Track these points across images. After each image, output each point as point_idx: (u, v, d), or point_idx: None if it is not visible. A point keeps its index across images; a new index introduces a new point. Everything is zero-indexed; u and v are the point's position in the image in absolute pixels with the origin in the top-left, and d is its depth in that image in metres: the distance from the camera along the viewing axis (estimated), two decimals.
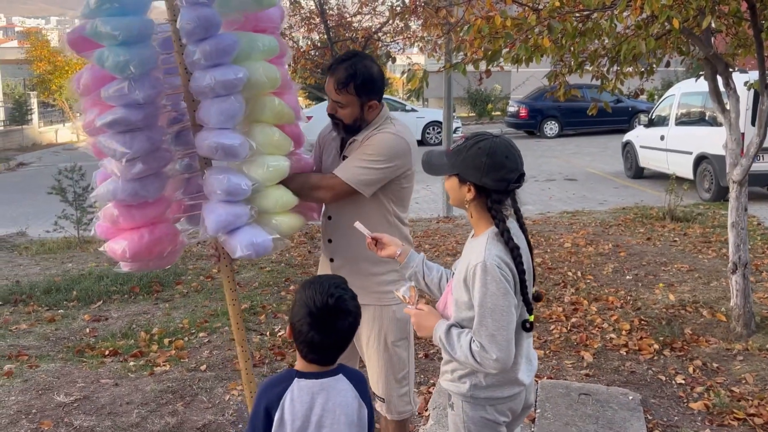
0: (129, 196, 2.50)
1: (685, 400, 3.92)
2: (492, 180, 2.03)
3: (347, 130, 2.70)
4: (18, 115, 24.32)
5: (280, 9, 2.72)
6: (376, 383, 2.80)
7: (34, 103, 25.77)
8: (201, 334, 5.14)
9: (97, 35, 2.35)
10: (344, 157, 2.72)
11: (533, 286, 2.17)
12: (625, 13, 4.50)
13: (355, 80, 2.59)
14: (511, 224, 2.11)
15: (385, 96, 2.88)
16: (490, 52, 4.57)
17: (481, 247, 2.03)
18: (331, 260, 2.82)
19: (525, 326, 2.07)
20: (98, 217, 2.64)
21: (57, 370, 4.54)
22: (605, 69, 5.53)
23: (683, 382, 4.15)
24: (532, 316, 2.08)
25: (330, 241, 2.82)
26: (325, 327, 1.86)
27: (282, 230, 2.62)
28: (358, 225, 2.39)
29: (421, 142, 19.73)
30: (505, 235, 2.02)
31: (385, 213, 2.73)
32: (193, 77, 2.46)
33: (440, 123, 18.51)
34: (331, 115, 2.70)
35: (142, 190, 2.51)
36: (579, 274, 6.39)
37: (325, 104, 11.50)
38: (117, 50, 2.34)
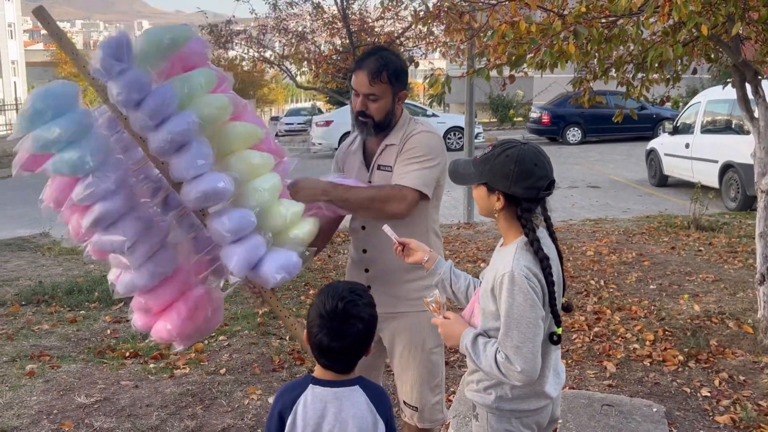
0: (149, 280, 2.44)
1: (710, 414, 3.85)
2: (522, 188, 1.98)
3: (377, 127, 2.66)
4: None
5: (199, 39, 2.59)
6: (410, 392, 2.76)
7: None
8: (221, 338, 5.14)
9: (43, 147, 2.28)
10: (379, 166, 2.68)
11: (563, 296, 2.13)
12: (651, 19, 4.44)
13: (388, 69, 2.59)
14: (541, 233, 2.06)
15: (406, 101, 2.86)
16: (514, 57, 4.53)
17: (509, 257, 1.99)
18: (366, 270, 2.77)
19: (552, 339, 2.03)
20: (131, 311, 2.58)
21: (78, 370, 4.57)
22: (631, 76, 5.46)
23: (709, 394, 4.07)
24: (560, 329, 2.04)
25: (365, 251, 2.77)
26: (333, 331, 1.85)
27: (302, 240, 2.55)
28: (386, 229, 2.35)
29: None
30: (534, 245, 1.97)
31: (429, 222, 2.71)
32: (149, 141, 2.36)
33: (461, 128, 18.45)
34: (360, 113, 2.65)
35: (158, 268, 2.45)
36: (602, 282, 6.31)
37: (345, 109, 11.43)
38: (67, 152, 2.27)
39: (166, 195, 2.60)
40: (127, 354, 4.83)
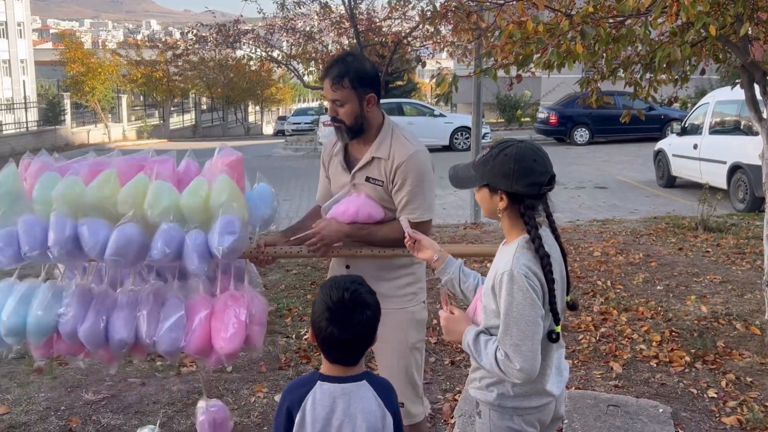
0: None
1: (717, 415, 3.84)
2: (523, 186, 2.00)
3: (351, 131, 2.71)
4: (51, 115, 24.82)
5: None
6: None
7: (67, 104, 26.27)
8: None
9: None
10: (368, 178, 2.73)
11: (567, 294, 2.13)
12: (659, 20, 4.43)
13: (349, 74, 2.63)
14: (544, 232, 2.08)
15: (413, 101, 2.93)
16: (521, 57, 4.53)
17: (510, 255, 2.00)
18: (347, 267, 2.83)
19: (551, 337, 2.03)
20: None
21: (85, 367, 4.58)
22: (638, 76, 5.45)
23: (715, 395, 4.06)
24: (559, 327, 2.05)
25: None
26: (344, 321, 1.86)
27: (227, 202, 2.53)
28: (403, 221, 2.40)
29: (448, 148, 19.69)
30: (536, 243, 1.99)
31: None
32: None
33: (468, 128, 18.45)
34: (333, 119, 2.72)
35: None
36: (609, 283, 6.30)
37: None
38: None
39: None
40: None
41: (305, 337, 5.08)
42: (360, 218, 2.66)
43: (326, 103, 2.80)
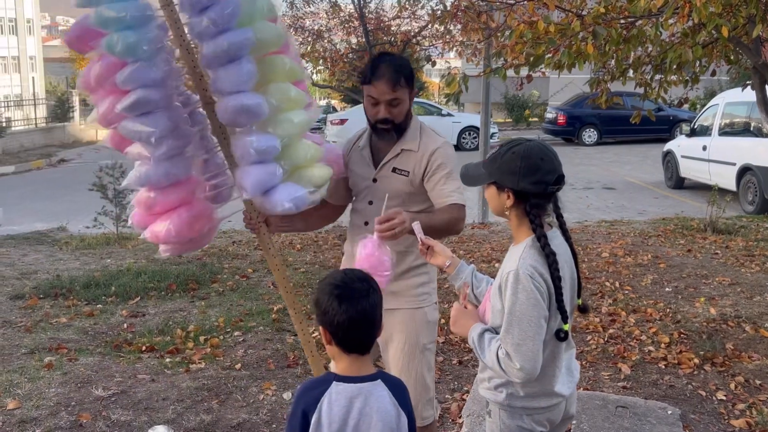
0: (163, 177, 2.54)
1: (726, 417, 3.83)
2: (530, 183, 2.01)
3: (398, 129, 2.74)
4: (60, 112, 24.91)
5: None
6: None
7: (75, 101, 26.34)
8: (236, 333, 5.18)
9: (103, 22, 2.38)
10: (394, 168, 2.74)
11: (579, 297, 2.14)
12: (671, 21, 4.42)
13: (404, 71, 2.69)
14: (554, 232, 2.09)
15: (421, 100, 2.99)
16: (533, 58, 4.53)
17: (516, 256, 2.02)
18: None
19: (559, 335, 2.04)
20: (132, 206, 2.69)
21: (95, 363, 4.62)
22: (649, 77, 5.44)
23: (724, 398, 4.05)
24: (567, 326, 2.04)
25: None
26: (352, 296, 1.86)
27: (315, 182, 2.66)
28: (416, 226, 2.37)
29: (456, 147, 19.63)
30: (541, 241, 2.00)
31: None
32: (206, 46, 2.46)
33: (476, 128, 18.42)
34: (383, 121, 2.70)
35: (173, 169, 2.55)
36: (617, 284, 6.29)
37: (360, 107, 11.42)
38: (126, 33, 2.37)
39: (192, 111, 2.72)
40: (144, 348, 4.87)
41: (313, 334, 5.09)
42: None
43: (370, 104, 2.75)
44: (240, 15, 2.46)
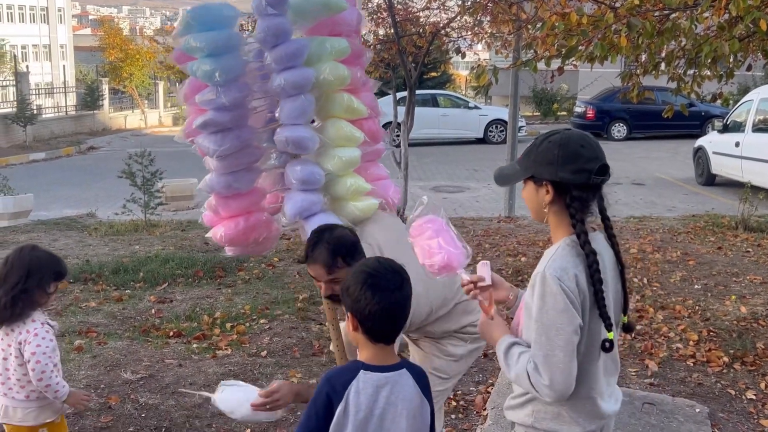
0: (224, 188, 2.85)
1: (755, 417, 3.78)
2: (569, 172, 1.81)
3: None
4: (90, 100, 25.18)
5: (356, 12, 2.95)
6: None
7: (105, 89, 26.63)
8: (262, 321, 5.21)
9: (189, 50, 2.74)
10: None
11: (625, 313, 1.95)
12: (706, 14, 4.33)
13: (340, 252, 2.47)
14: (597, 234, 1.90)
15: (448, 92, 3.00)
16: (566, 50, 4.47)
17: (547, 257, 1.83)
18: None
19: (604, 346, 1.80)
20: (204, 208, 3.05)
21: (124, 347, 4.68)
22: (682, 71, 5.35)
23: (754, 397, 3.99)
24: (612, 334, 1.79)
25: None
26: (385, 287, 1.84)
27: (357, 215, 2.85)
28: (485, 267, 2.01)
29: (482, 140, 19.54)
30: (581, 238, 1.78)
31: None
32: (272, 79, 2.76)
33: (503, 121, 18.27)
34: (327, 296, 2.55)
35: (235, 183, 2.85)
36: (645, 281, 6.22)
37: (387, 99, 11.31)
38: (205, 61, 2.69)
39: (275, 128, 2.94)
40: (171, 333, 4.93)
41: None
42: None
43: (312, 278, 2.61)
44: (306, 55, 2.73)
